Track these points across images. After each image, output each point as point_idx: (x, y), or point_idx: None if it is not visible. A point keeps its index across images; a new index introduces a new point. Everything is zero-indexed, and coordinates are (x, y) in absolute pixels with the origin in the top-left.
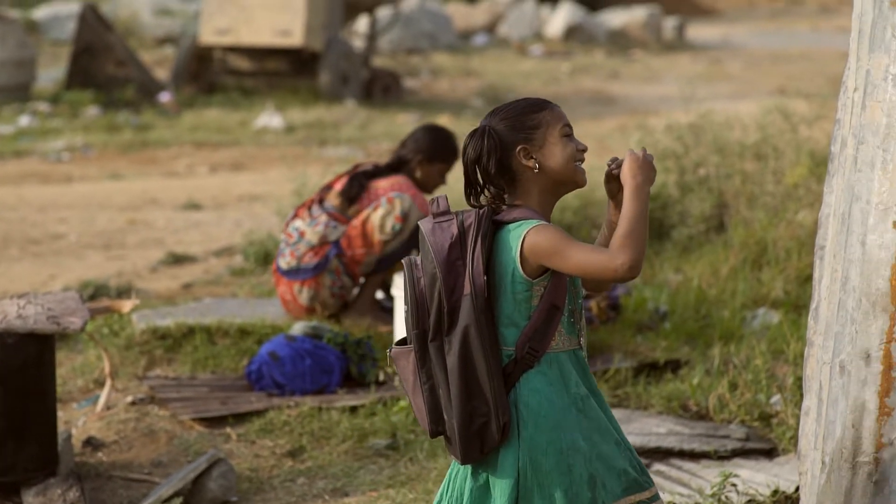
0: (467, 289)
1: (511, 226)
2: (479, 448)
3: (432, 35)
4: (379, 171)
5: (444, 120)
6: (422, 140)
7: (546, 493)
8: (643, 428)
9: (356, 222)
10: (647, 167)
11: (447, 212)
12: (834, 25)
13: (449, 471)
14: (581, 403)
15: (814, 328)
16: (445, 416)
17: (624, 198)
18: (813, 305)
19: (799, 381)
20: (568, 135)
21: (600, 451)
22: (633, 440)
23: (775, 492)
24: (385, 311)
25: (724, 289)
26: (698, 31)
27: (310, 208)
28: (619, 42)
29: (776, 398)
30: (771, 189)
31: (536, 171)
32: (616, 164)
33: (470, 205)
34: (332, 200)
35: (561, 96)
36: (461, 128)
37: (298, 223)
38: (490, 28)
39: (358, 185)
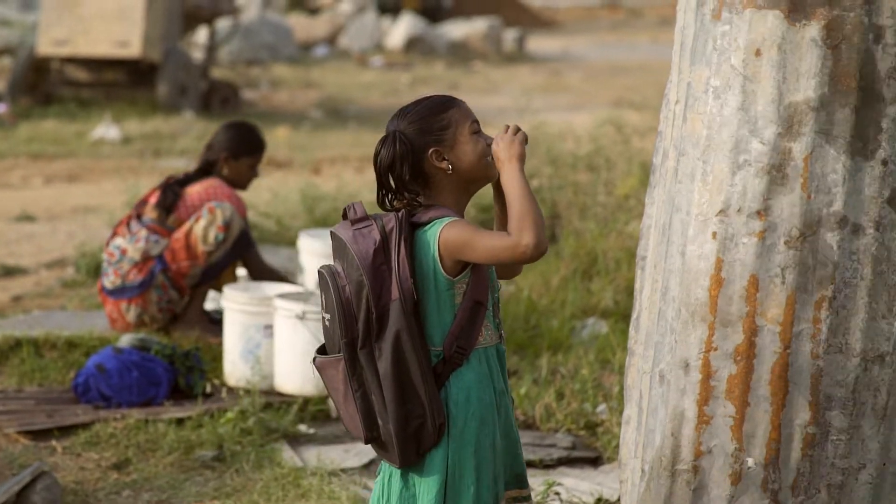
0: (395, 294)
1: (427, 226)
2: (415, 450)
3: (273, 46)
4: (190, 178)
5: (282, 132)
6: (224, 138)
7: (472, 490)
8: None
9: (178, 235)
10: (506, 144)
11: (365, 217)
12: (673, 38)
13: (379, 477)
14: (498, 399)
15: (635, 338)
16: (380, 422)
17: (502, 181)
18: (634, 315)
19: None
20: (477, 131)
21: (503, 446)
22: None
23: (599, 500)
24: (214, 322)
25: (554, 299)
26: (539, 43)
27: (128, 225)
28: (460, 53)
29: (602, 407)
30: (602, 200)
31: (450, 172)
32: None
33: (384, 209)
34: (150, 214)
35: (400, 107)
36: (299, 139)
37: (119, 241)
38: (331, 39)
39: (172, 195)
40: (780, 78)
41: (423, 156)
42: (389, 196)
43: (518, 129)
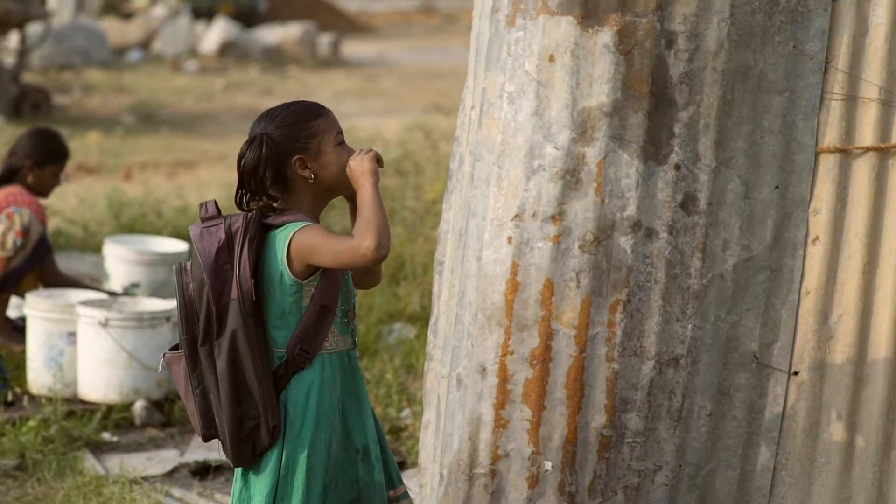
0: (235, 293)
1: (279, 229)
2: (250, 451)
3: (85, 51)
4: None
5: (93, 136)
6: (28, 145)
7: (301, 493)
8: None
9: None
10: (358, 163)
11: (216, 216)
12: None
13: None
14: (340, 406)
15: (433, 342)
16: (217, 420)
17: (357, 195)
18: (433, 320)
19: None
20: (341, 142)
21: (340, 457)
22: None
23: None
24: (17, 329)
25: (361, 303)
26: (354, 48)
27: None
28: (275, 58)
29: (406, 412)
30: (411, 205)
31: (311, 180)
32: None
33: (241, 209)
34: None
35: (214, 112)
36: (111, 144)
37: None
38: (145, 44)
39: None
40: (574, 83)
41: (287, 162)
42: (247, 196)
43: (370, 150)
